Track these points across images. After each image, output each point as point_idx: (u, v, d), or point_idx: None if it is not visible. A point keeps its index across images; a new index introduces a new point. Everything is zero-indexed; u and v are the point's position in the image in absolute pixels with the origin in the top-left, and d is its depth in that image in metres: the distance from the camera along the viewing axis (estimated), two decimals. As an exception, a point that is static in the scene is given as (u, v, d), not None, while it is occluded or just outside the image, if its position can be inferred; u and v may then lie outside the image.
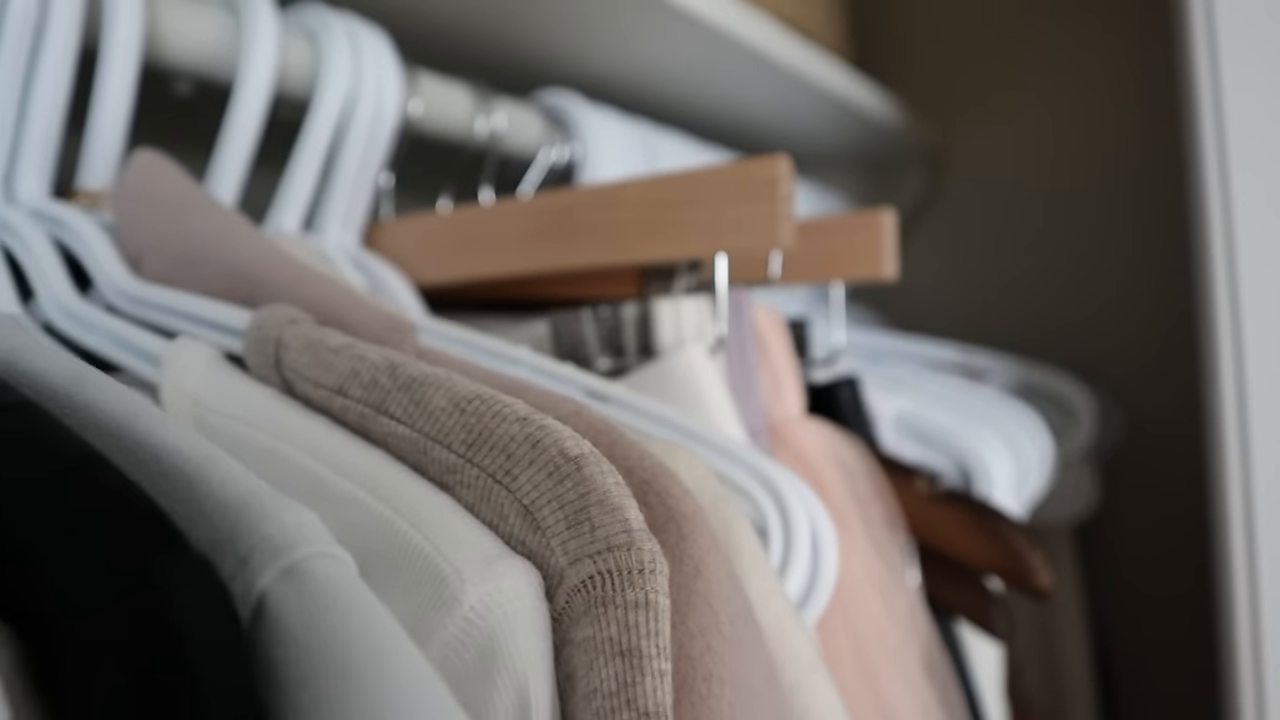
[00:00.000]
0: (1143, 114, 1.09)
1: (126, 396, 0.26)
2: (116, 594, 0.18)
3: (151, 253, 0.43)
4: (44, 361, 0.28)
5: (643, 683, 0.27)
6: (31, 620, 0.19)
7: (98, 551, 0.19)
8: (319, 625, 0.20)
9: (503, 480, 0.30)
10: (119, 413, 0.25)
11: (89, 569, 0.18)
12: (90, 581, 0.18)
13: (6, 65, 0.46)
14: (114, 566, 0.18)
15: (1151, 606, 1.07)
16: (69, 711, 0.18)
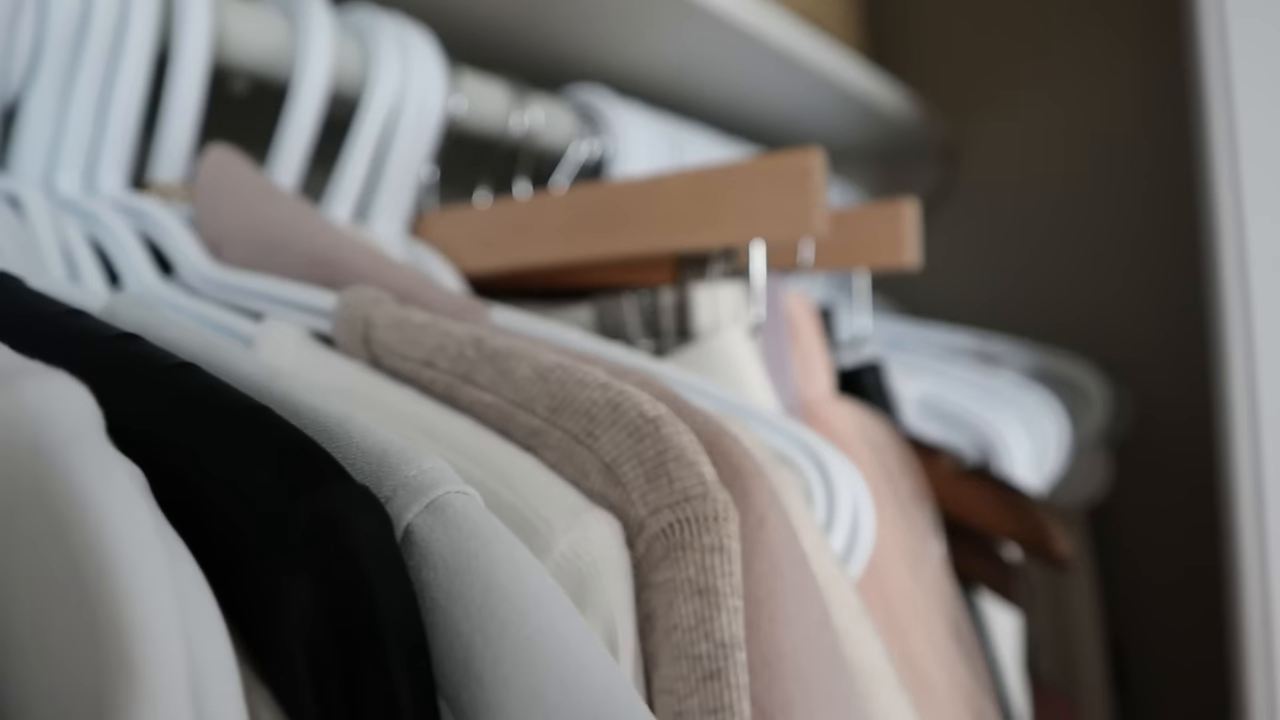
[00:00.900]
0: (1153, 105, 1.13)
1: (259, 361, 0.30)
2: (303, 517, 0.21)
3: (231, 241, 0.47)
4: (174, 332, 0.32)
5: (719, 617, 0.31)
6: (221, 542, 0.22)
7: (281, 482, 0.22)
8: (464, 549, 0.23)
9: (585, 441, 0.33)
10: (255, 375, 0.29)
11: (277, 497, 0.22)
12: (279, 507, 0.22)
13: (89, 68, 0.49)
14: (297, 494, 0.22)
15: (1163, 589, 1.11)
16: (268, 614, 0.21)
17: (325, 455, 0.23)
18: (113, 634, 0.17)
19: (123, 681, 0.16)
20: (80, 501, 0.17)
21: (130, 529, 0.18)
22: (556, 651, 0.22)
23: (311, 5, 0.58)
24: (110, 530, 0.17)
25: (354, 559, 0.21)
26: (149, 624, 0.17)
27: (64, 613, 0.17)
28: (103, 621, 0.17)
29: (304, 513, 0.21)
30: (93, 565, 0.17)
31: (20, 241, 0.45)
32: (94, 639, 0.17)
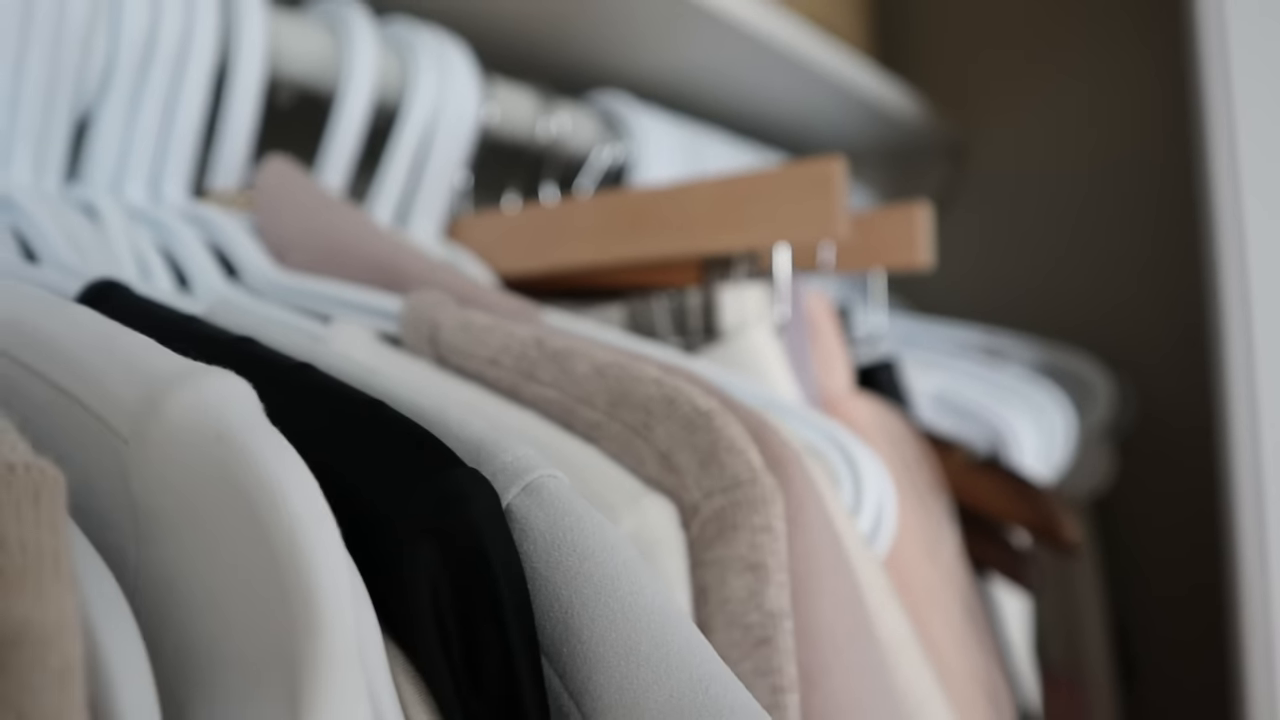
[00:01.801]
0: (1159, 107, 1.17)
1: (356, 360, 0.33)
2: (429, 496, 0.25)
3: (295, 246, 0.50)
4: (275, 333, 0.35)
5: (768, 590, 0.34)
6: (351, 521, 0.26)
7: (407, 467, 0.26)
8: (559, 525, 0.27)
9: (642, 432, 0.37)
10: (356, 373, 0.32)
11: (405, 480, 0.26)
12: (407, 488, 0.25)
13: (156, 84, 0.53)
14: (422, 477, 0.25)
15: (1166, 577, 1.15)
16: (400, 580, 0.25)
17: (441, 443, 0.27)
18: (301, 593, 0.20)
19: (312, 634, 0.20)
20: (265, 480, 0.21)
21: (308, 502, 0.21)
22: (644, 610, 0.26)
23: (356, 21, 0.61)
24: (293, 503, 0.21)
25: (473, 531, 0.25)
26: (330, 584, 0.20)
27: (249, 575, 0.21)
28: (290, 582, 0.20)
29: (430, 493, 0.25)
30: (280, 534, 0.21)
31: (96, 247, 0.49)
32: (283, 597, 0.20)
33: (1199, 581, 1.11)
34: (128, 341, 0.25)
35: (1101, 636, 0.97)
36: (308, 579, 0.20)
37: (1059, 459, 0.78)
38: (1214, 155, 0.81)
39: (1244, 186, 0.79)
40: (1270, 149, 0.79)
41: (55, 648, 0.17)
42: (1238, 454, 0.70)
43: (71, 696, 0.17)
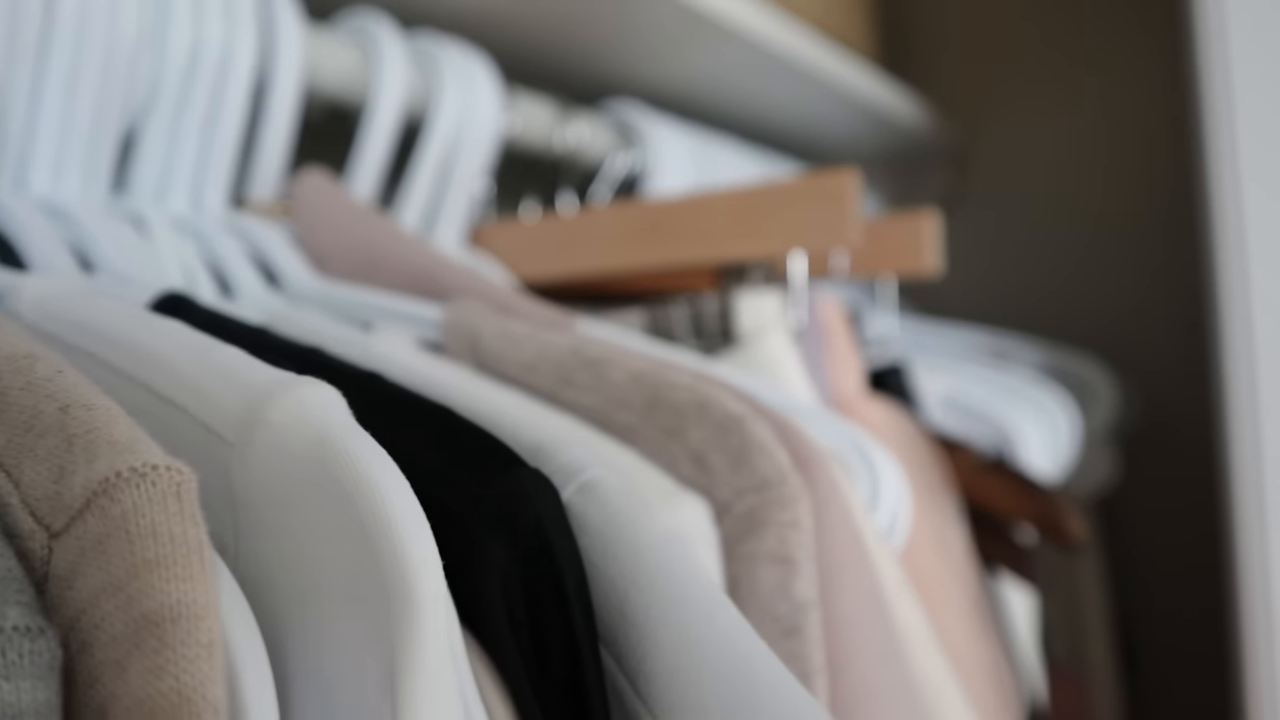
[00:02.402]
0: (1163, 113, 1.19)
1: (412, 369, 0.36)
2: (498, 494, 0.28)
3: (333, 256, 0.53)
4: (333, 345, 0.38)
5: (796, 582, 0.37)
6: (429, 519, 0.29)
7: (477, 468, 0.29)
8: (614, 520, 0.30)
9: (676, 435, 0.40)
10: (417, 381, 0.35)
11: (475, 479, 0.28)
12: (477, 487, 0.28)
13: (199, 100, 0.55)
14: (491, 476, 0.28)
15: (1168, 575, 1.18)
16: (471, 570, 0.28)
17: (505, 446, 0.29)
18: (399, 581, 0.23)
19: (409, 619, 0.23)
20: (364, 478, 0.24)
21: (403, 499, 0.24)
22: (694, 597, 0.29)
23: (385, 37, 0.64)
24: (390, 499, 0.24)
25: (539, 526, 0.28)
26: (425, 573, 0.23)
27: (349, 565, 0.24)
28: (389, 571, 0.23)
29: (499, 492, 0.28)
30: (379, 526, 0.23)
31: (144, 256, 0.51)
32: (382, 586, 0.23)
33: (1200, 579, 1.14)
34: (222, 354, 0.28)
35: (1105, 633, 1.00)
36: (405, 568, 0.23)
37: (1064, 459, 0.80)
38: (1215, 159, 0.83)
39: (1245, 191, 0.82)
40: (1271, 154, 0.82)
41: (203, 624, 0.20)
42: (1239, 455, 0.73)
43: (217, 667, 0.20)
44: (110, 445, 0.21)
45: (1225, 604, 0.98)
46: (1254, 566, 0.81)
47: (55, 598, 0.21)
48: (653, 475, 0.39)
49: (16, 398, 0.24)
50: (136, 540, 0.20)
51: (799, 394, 0.58)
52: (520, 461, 0.29)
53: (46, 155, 0.51)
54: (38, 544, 0.22)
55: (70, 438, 0.22)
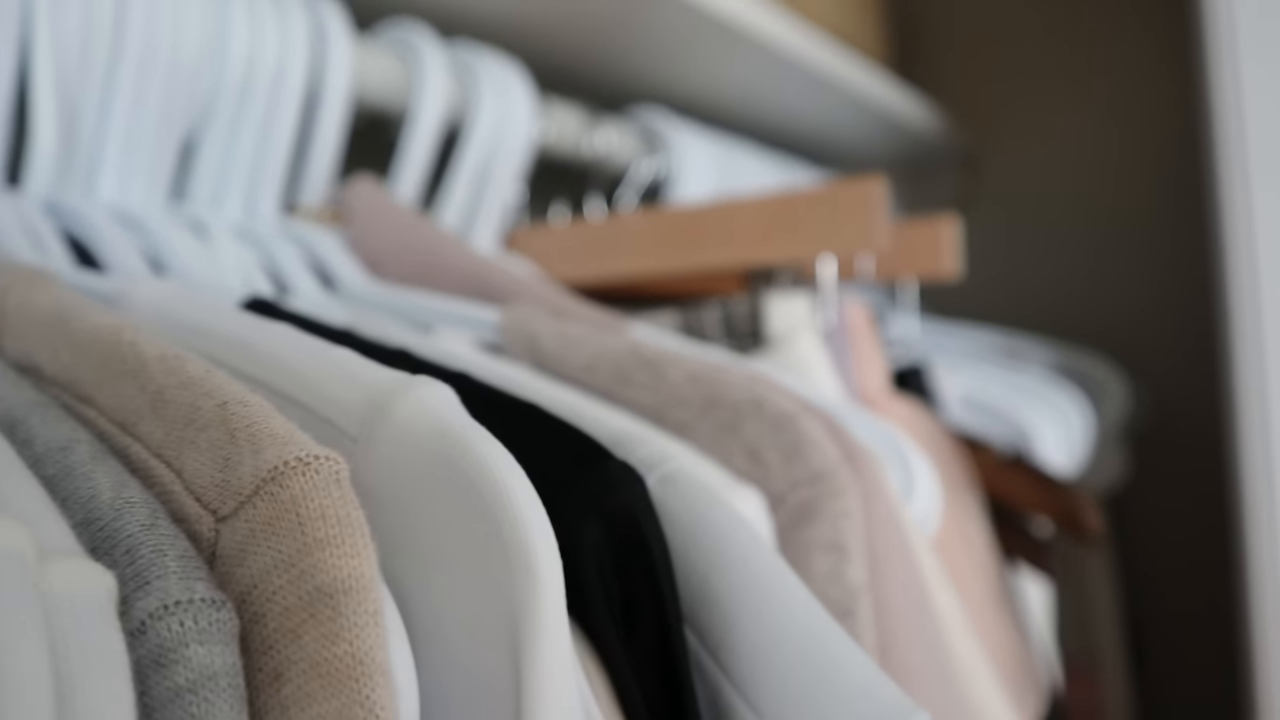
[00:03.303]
0: (1172, 116, 1.23)
1: (492, 369, 0.39)
2: (591, 484, 0.31)
3: (389, 260, 0.56)
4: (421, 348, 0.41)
5: (848, 568, 0.40)
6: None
7: (570, 460, 0.31)
8: (693, 508, 0.33)
9: (731, 431, 0.42)
10: (497, 380, 0.38)
11: (569, 470, 0.31)
12: (572, 477, 0.31)
13: (254, 110, 0.58)
14: (584, 467, 0.31)
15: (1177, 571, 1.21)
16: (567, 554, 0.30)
17: (594, 439, 0.32)
18: (522, 556, 0.26)
19: (533, 585, 0.25)
20: (486, 467, 0.26)
21: (521, 484, 0.26)
22: (772, 578, 0.31)
23: (426, 48, 0.67)
24: (510, 484, 0.26)
25: (630, 512, 0.30)
26: (543, 543, 0.26)
27: (473, 545, 0.26)
28: (513, 548, 0.26)
29: (592, 481, 0.30)
30: (502, 509, 0.26)
31: (208, 261, 0.54)
32: (506, 561, 0.26)
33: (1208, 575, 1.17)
34: (337, 355, 0.31)
35: (1115, 628, 1.03)
36: (528, 545, 0.26)
37: (1078, 457, 0.83)
38: (1225, 160, 0.86)
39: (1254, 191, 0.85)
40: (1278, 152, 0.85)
41: (369, 595, 0.22)
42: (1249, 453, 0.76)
43: (381, 633, 0.23)
44: (273, 437, 0.24)
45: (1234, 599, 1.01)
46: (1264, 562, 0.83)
47: (223, 574, 0.24)
48: (709, 468, 0.42)
49: (174, 395, 0.26)
50: (307, 522, 0.23)
51: (831, 392, 0.61)
52: (610, 454, 0.32)
53: (114, 163, 0.54)
54: (205, 527, 0.24)
55: (232, 431, 0.25)
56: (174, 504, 0.25)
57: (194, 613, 0.22)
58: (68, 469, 0.26)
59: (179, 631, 0.22)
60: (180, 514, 0.25)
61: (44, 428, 0.27)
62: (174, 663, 0.21)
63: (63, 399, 0.30)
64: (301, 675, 0.22)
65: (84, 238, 0.50)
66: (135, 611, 0.22)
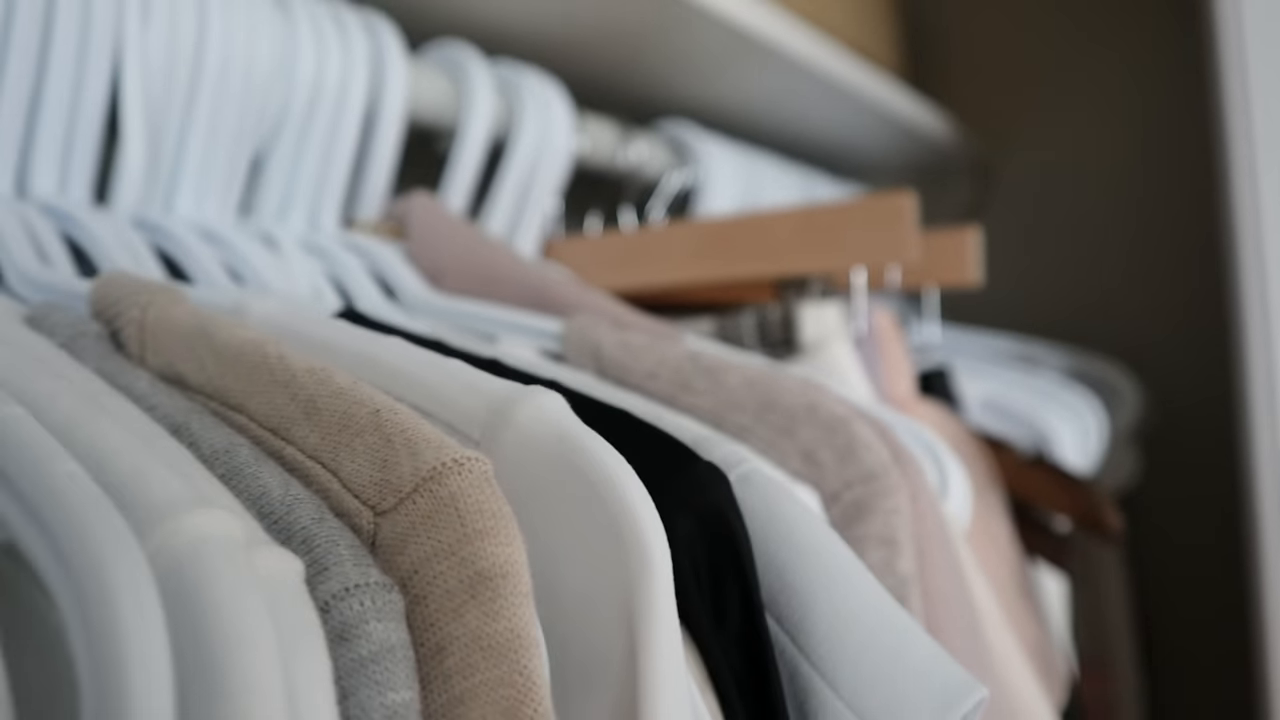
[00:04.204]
0: (1182, 125, 1.27)
1: (578, 377, 0.42)
2: (683, 483, 0.34)
3: (450, 272, 0.59)
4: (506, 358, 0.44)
5: (899, 560, 0.43)
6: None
7: (663, 461, 0.35)
8: (769, 505, 0.36)
9: (786, 433, 0.46)
10: (581, 388, 0.41)
11: (662, 468, 0.34)
12: (664, 475, 0.34)
13: (319, 128, 0.61)
14: (676, 468, 0.34)
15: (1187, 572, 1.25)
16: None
17: (680, 442, 0.36)
18: (636, 543, 0.29)
19: (648, 571, 0.29)
20: (603, 466, 0.30)
21: (633, 480, 0.30)
22: (844, 567, 0.35)
23: (474, 67, 0.70)
24: (624, 481, 0.30)
25: (718, 508, 0.34)
26: (656, 532, 0.29)
27: (591, 535, 0.30)
28: (628, 536, 0.29)
29: (684, 480, 0.34)
30: (617, 500, 0.29)
31: (280, 273, 0.57)
32: (621, 549, 0.29)
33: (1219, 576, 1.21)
34: (452, 365, 0.34)
35: (1127, 626, 1.07)
36: (642, 534, 0.29)
37: (1093, 458, 0.87)
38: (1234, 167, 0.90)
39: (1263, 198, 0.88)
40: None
41: (523, 578, 0.26)
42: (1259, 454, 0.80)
43: (533, 612, 0.26)
44: (426, 442, 0.28)
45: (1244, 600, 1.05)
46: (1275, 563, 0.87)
47: (384, 562, 0.27)
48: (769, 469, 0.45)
49: (326, 403, 0.30)
50: (466, 515, 0.26)
51: (865, 397, 0.64)
52: (698, 456, 0.35)
53: (191, 180, 0.57)
54: (364, 520, 0.28)
55: (388, 436, 0.28)
56: (332, 500, 0.29)
57: (370, 594, 0.25)
58: (235, 469, 0.29)
59: (359, 610, 0.25)
60: (339, 509, 0.28)
61: (205, 432, 0.30)
62: (357, 637, 0.25)
63: (210, 406, 0.33)
64: (464, 649, 0.26)
65: (170, 251, 0.53)
66: (318, 593, 0.25)
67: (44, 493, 0.22)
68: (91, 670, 0.19)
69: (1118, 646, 1.04)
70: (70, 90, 0.51)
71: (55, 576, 0.21)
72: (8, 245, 0.46)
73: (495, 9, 0.77)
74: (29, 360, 0.31)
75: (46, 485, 0.22)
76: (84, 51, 0.51)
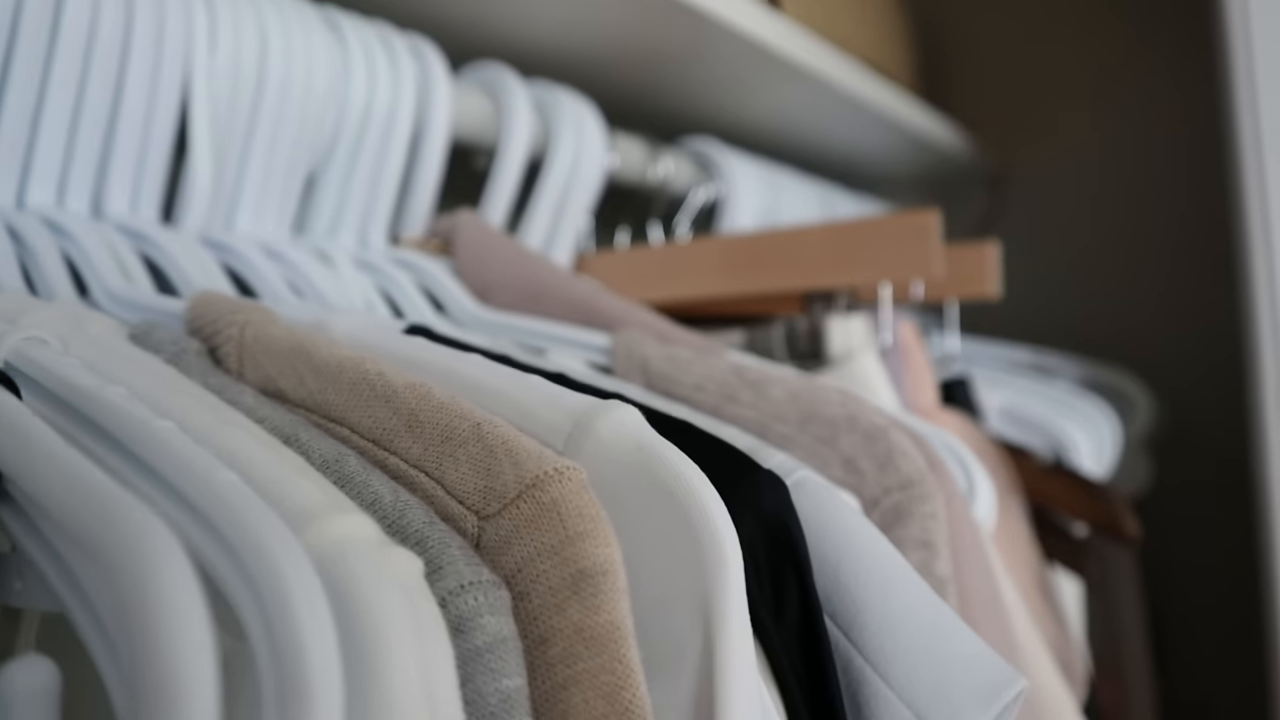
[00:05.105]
0: (1194, 138, 1.30)
1: (633, 389, 0.45)
2: (747, 488, 0.37)
3: (498, 288, 0.62)
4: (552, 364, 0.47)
5: (937, 562, 0.46)
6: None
7: (726, 469, 0.38)
8: (825, 508, 0.39)
9: (828, 442, 0.49)
10: (638, 400, 0.44)
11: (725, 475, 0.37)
12: (728, 481, 0.37)
13: (369, 149, 0.64)
14: (739, 474, 0.37)
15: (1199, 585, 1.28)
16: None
17: (740, 450, 0.39)
18: (712, 539, 0.32)
19: (723, 569, 0.32)
20: (680, 473, 0.33)
21: (707, 486, 0.33)
22: (894, 567, 0.38)
23: (514, 91, 0.73)
24: (699, 486, 0.33)
25: (779, 511, 0.37)
26: (729, 533, 0.32)
27: (668, 536, 0.33)
28: (705, 538, 0.32)
29: (747, 485, 0.37)
30: (694, 506, 0.32)
31: (336, 288, 0.60)
32: (699, 548, 0.32)
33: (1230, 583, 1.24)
34: (533, 380, 0.37)
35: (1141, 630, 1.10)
36: (717, 534, 0.32)
37: (1108, 464, 0.90)
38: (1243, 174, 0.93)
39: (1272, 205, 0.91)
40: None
41: (620, 575, 0.29)
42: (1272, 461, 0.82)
43: (628, 606, 0.29)
44: (527, 452, 0.31)
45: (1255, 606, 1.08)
46: None
47: (488, 562, 0.30)
48: (812, 476, 0.48)
49: (428, 417, 0.33)
50: (567, 519, 0.29)
51: (892, 406, 0.67)
52: (758, 464, 0.38)
53: (251, 200, 0.60)
54: (469, 524, 0.31)
55: (490, 447, 0.31)
56: (436, 506, 0.32)
57: (483, 591, 0.28)
58: (346, 476, 0.32)
59: (474, 605, 0.28)
60: (444, 514, 0.31)
61: (314, 442, 0.33)
62: (472, 629, 0.28)
63: (311, 419, 0.36)
64: (567, 640, 0.29)
65: (236, 268, 0.56)
66: (435, 590, 0.28)
67: (209, 499, 0.25)
68: (272, 654, 0.22)
69: (1131, 651, 1.07)
70: (144, 116, 0.54)
71: (227, 573, 0.24)
72: (94, 263, 0.49)
73: (530, 31, 0.80)
74: (154, 377, 0.34)
75: (211, 492, 0.25)
76: (156, 78, 0.54)
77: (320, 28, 0.61)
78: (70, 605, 0.25)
